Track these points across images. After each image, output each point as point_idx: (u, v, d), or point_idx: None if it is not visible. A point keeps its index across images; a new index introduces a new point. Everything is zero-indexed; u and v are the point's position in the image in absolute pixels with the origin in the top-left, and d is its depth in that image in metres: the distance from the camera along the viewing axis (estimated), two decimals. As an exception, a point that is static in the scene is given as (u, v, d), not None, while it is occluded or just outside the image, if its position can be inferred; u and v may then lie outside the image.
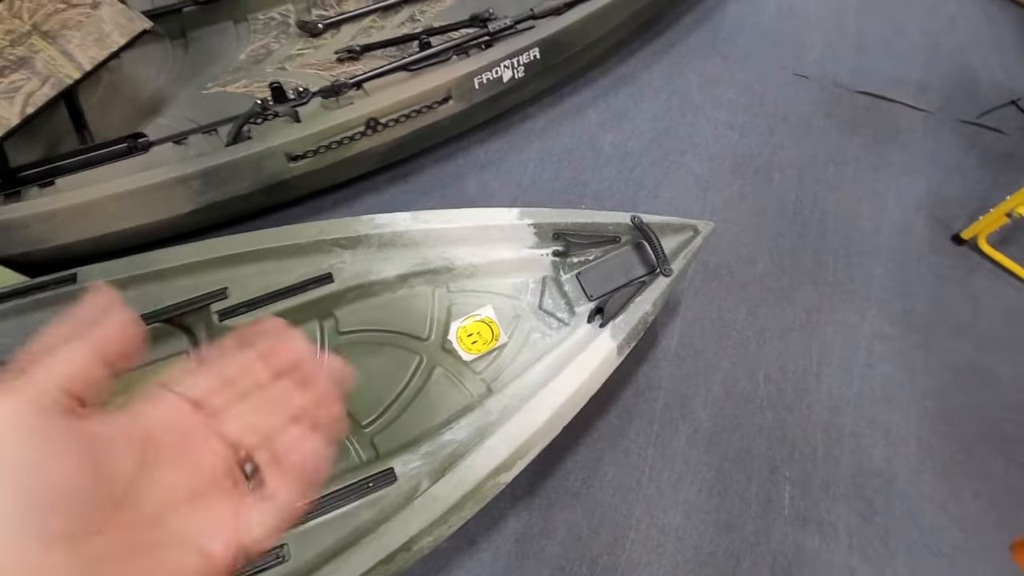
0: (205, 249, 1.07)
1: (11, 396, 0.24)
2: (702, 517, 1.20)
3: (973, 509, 1.24)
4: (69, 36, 1.19)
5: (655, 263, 1.11)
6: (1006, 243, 1.58)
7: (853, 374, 1.38)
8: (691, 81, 1.84)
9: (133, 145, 1.28)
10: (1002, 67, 1.93)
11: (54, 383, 0.25)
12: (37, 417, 0.24)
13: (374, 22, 1.70)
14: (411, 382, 1.07)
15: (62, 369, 0.25)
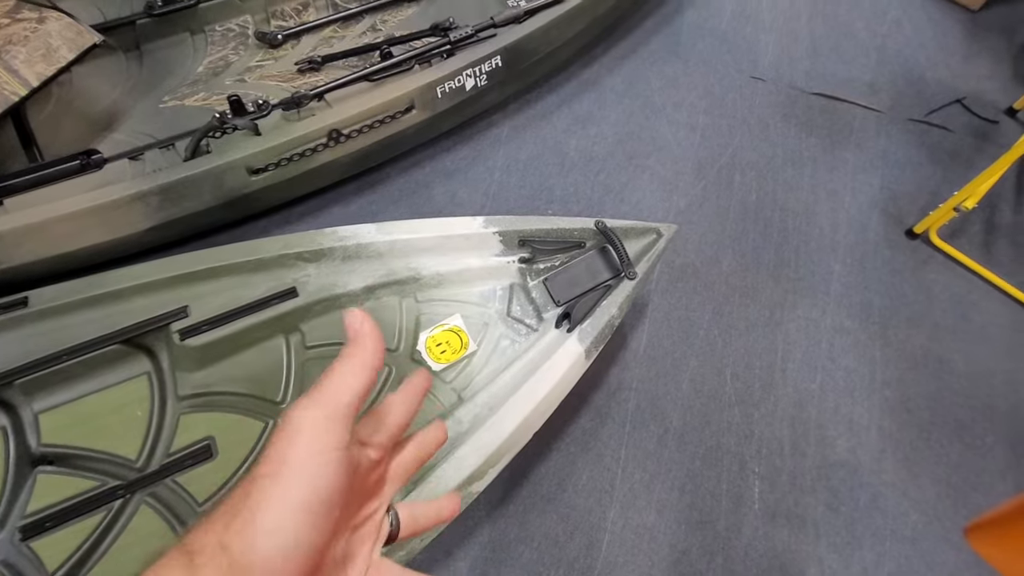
0: (163, 267, 1.05)
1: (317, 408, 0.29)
2: (675, 515, 1.22)
3: (932, 493, 1.29)
4: (14, 52, 1.16)
5: (620, 267, 1.13)
6: (955, 236, 1.65)
7: (816, 367, 1.42)
8: (653, 85, 1.87)
9: (86, 162, 1.25)
10: (947, 67, 2.02)
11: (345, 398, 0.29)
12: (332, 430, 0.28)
13: (335, 32, 1.69)
14: (380, 394, 1.06)
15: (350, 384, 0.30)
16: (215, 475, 0.97)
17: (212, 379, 1.04)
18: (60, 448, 0.95)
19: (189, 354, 1.02)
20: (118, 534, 0.91)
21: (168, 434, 1.00)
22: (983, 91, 1.96)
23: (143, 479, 0.95)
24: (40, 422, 0.97)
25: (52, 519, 0.90)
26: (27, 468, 0.94)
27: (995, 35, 2.13)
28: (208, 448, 0.98)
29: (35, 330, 0.99)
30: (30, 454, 0.95)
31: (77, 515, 0.91)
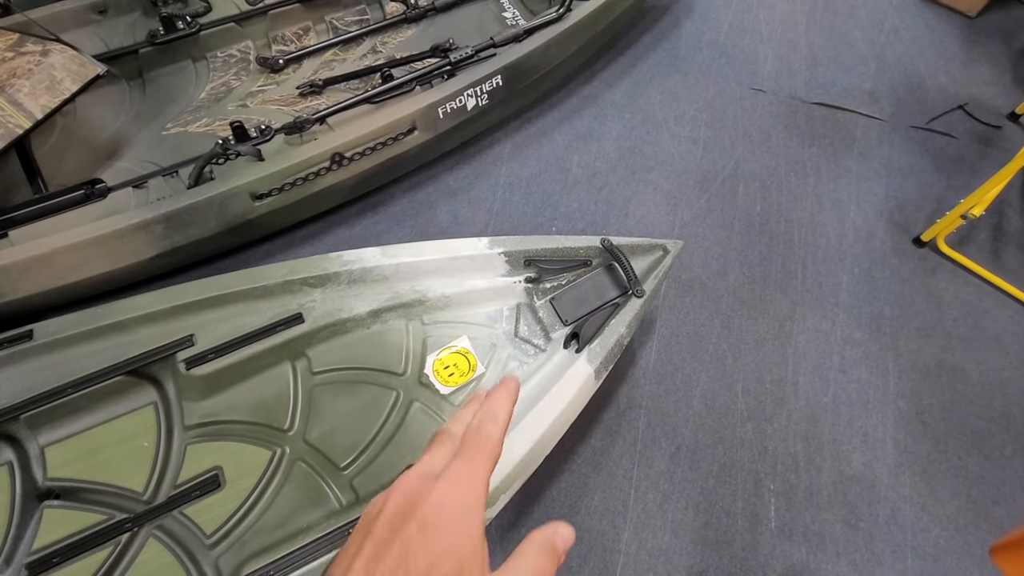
0: (168, 296, 1.04)
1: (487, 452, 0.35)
2: (690, 536, 1.19)
3: (952, 507, 1.26)
4: (18, 85, 1.16)
5: (627, 285, 1.12)
6: (964, 243, 1.63)
7: (828, 380, 1.40)
8: (653, 99, 1.88)
9: (91, 192, 1.25)
10: (946, 73, 2.02)
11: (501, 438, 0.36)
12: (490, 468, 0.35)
13: (335, 55, 1.70)
14: (389, 419, 1.05)
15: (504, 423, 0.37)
16: (223, 506, 0.95)
17: (219, 408, 1.03)
18: (67, 482, 0.94)
19: (195, 383, 1.01)
20: (126, 568, 0.90)
21: (175, 465, 0.99)
22: (984, 97, 1.96)
23: (150, 512, 0.94)
24: (46, 456, 0.96)
25: (59, 555, 0.88)
26: (34, 503, 0.93)
27: (994, 40, 2.13)
28: (216, 478, 0.97)
29: (40, 363, 0.99)
30: (36, 489, 0.94)
31: (84, 550, 0.89)
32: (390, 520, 0.31)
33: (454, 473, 0.33)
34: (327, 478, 0.99)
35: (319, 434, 1.02)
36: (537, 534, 0.35)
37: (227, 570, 0.90)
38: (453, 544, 0.30)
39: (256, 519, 0.95)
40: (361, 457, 1.01)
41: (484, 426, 0.36)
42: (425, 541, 0.30)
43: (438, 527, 0.31)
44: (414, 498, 0.32)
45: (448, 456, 0.35)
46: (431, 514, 0.31)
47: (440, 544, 0.30)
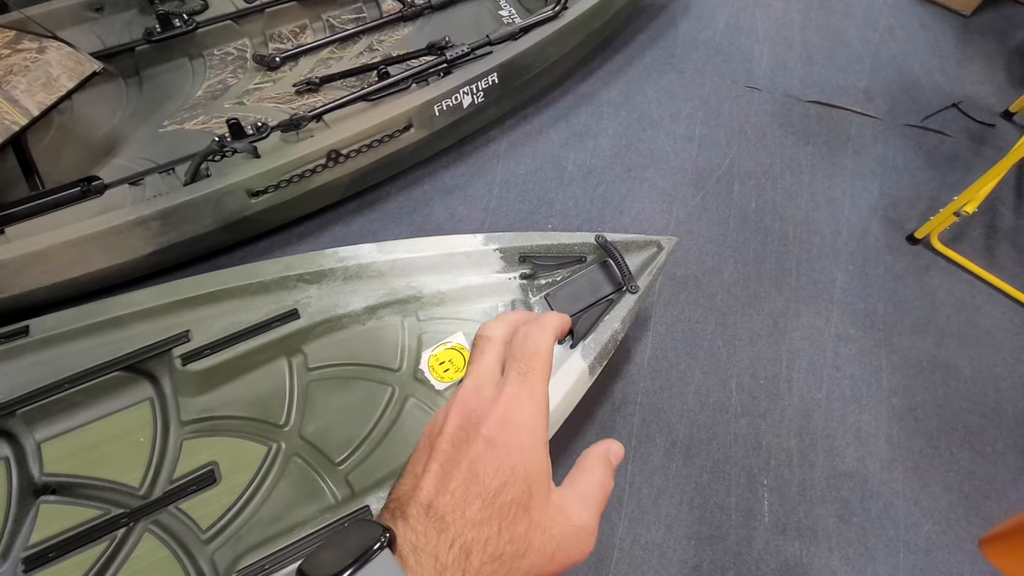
0: (164, 292, 1.05)
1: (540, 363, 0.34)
2: (684, 530, 1.20)
3: (944, 502, 1.27)
4: (15, 82, 1.17)
5: (622, 281, 1.13)
6: (957, 240, 1.64)
7: (822, 376, 1.41)
8: (649, 97, 1.88)
9: (87, 188, 1.26)
10: (941, 71, 2.03)
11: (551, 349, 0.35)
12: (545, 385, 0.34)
13: (332, 53, 1.71)
14: (384, 415, 1.05)
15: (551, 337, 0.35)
16: (219, 500, 0.96)
17: (215, 403, 1.03)
18: (63, 477, 0.95)
19: (191, 379, 1.01)
20: (122, 563, 0.90)
21: (171, 460, 0.99)
22: (978, 95, 1.97)
23: (146, 507, 0.94)
24: (42, 451, 0.96)
25: (55, 549, 0.89)
26: (30, 498, 0.93)
27: (988, 39, 2.14)
28: (211, 473, 0.98)
29: (36, 359, 0.99)
30: (32, 484, 0.94)
31: (80, 545, 0.90)
32: (453, 438, 0.31)
33: (513, 387, 0.32)
34: (323, 473, 1.00)
35: (315, 430, 1.03)
36: (595, 450, 0.35)
37: (223, 564, 0.91)
38: (520, 462, 0.30)
39: (252, 514, 0.96)
40: (356, 452, 1.02)
41: (532, 337, 0.34)
42: (493, 460, 0.29)
43: (504, 446, 0.30)
44: (475, 415, 0.31)
45: (495, 363, 0.34)
46: (496, 432, 0.30)
47: (508, 462, 0.29)
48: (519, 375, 0.33)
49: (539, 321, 0.36)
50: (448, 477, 0.29)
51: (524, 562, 0.28)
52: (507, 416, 0.31)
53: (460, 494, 0.28)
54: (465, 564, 0.27)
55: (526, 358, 0.33)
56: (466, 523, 0.28)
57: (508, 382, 0.32)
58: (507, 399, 0.31)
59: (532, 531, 0.29)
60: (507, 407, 0.31)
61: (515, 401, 0.31)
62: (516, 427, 0.31)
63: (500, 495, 0.29)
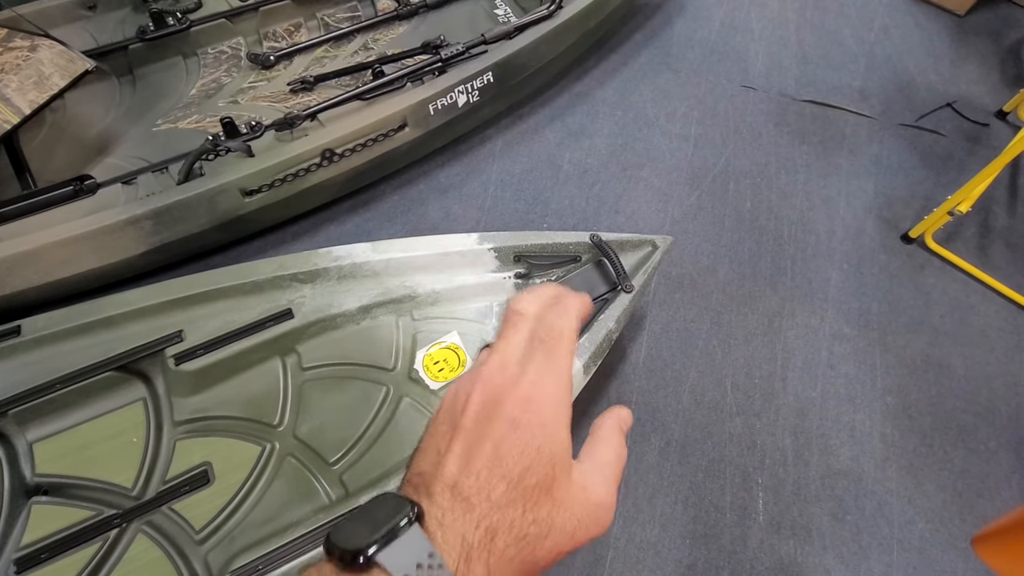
0: (157, 292, 1.04)
1: (566, 344, 0.34)
2: (679, 529, 1.20)
3: (938, 500, 1.28)
4: (6, 80, 1.16)
5: (616, 280, 1.13)
6: (951, 240, 1.65)
7: (816, 376, 1.41)
8: (645, 96, 1.88)
9: (80, 188, 1.25)
10: (935, 71, 2.03)
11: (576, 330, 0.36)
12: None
13: (327, 52, 1.70)
14: (378, 415, 1.05)
15: (576, 320, 0.36)
16: (213, 501, 0.96)
17: (208, 403, 1.03)
18: (55, 478, 0.94)
19: (184, 379, 1.01)
20: (114, 564, 0.90)
21: (164, 460, 0.99)
22: (972, 95, 1.98)
23: (139, 507, 0.94)
24: (34, 452, 0.96)
25: (47, 550, 0.88)
26: (22, 499, 0.92)
27: (982, 39, 2.14)
28: (205, 474, 0.97)
29: (28, 359, 0.99)
30: (24, 485, 0.94)
31: (72, 546, 0.89)
32: (476, 415, 0.31)
33: (537, 365, 0.32)
34: (317, 473, 1.00)
35: (309, 430, 1.03)
36: (608, 420, 0.35)
37: (216, 565, 0.90)
38: (544, 442, 0.30)
39: (245, 514, 0.95)
40: (351, 452, 1.02)
41: (558, 320, 0.35)
42: (517, 442, 0.29)
43: (528, 426, 0.30)
44: (500, 392, 0.31)
45: (524, 340, 0.34)
46: (519, 412, 0.30)
47: (532, 444, 0.29)
48: (544, 354, 0.33)
49: (565, 302, 0.36)
50: (472, 458, 0.29)
51: (547, 542, 0.29)
52: (531, 394, 0.31)
53: (485, 476, 0.28)
54: (491, 545, 0.27)
55: (552, 338, 0.33)
56: (491, 505, 0.28)
57: (533, 361, 0.32)
58: (531, 377, 0.32)
59: (555, 512, 0.29)
60: (531, 385, 0.31)
61: (539, 379, 0.32)
62: (540, 406, 0.31)
63: (524, 478, 0.29)
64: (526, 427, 0.30)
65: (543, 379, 0.32)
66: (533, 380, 0.31)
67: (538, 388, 0.31)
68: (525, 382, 0.31)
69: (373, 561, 0.25)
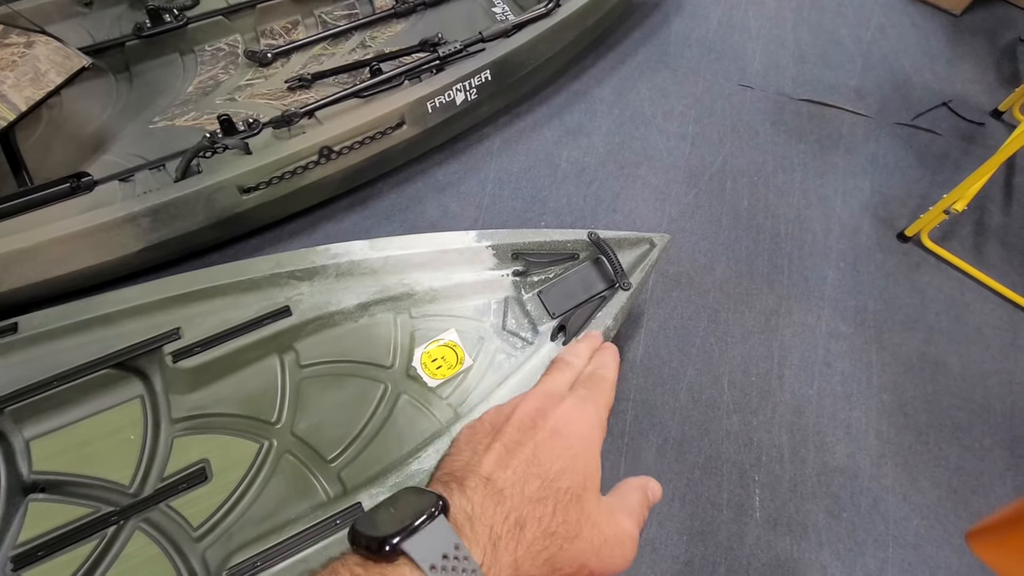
0: (155, 289, 1.04)
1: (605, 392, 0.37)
2: (676, 526, 1.21)
3: (933, 497, 1.29)
4: (2, 77, 1.16)
5: (614, 278, 1.13)
6: (947, 238, 1.66)
7: (813, 373, 1.42)
8: (642, 95, 1.88)
9: (76, 185, 1.24)
10: (931, 71, 2.04)
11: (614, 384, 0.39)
12: None
13: (324, 50, 1.70)
14: (376, 412, 1.05)
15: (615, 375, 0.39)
16: (210, 498, 0.96)
17: (206, 401, 1.03)
18: (52, 475, 0.94)
19: (182, 376, 1.01)
20: (112, 561, 0.90)
21: (162, 458, 0.99)
22: (968, 94, 1.99)
23: (137, 504, 0.94)
24: (31, 449, 0.95)
25: (44, 548, 0.88)
26: (18, 496, 0.92)
27: (978, 38, 2.15)
28: (202, 471, 0.97)
29: (25, 356, 0.98)
30: (21, 482, 0.94)
31: (70, 543, 0.89)
32: (520, 424, 0.32)
33: (581, 396, 0.35)
34: (314, 470, 1.00)
35: (307, 427, 1.03)
36: (636, 480, 0.36)
37: (214, 562, 0.90)
38: (580, 455, 0.31)
39: (243, 511, 0.95)
40: (349, 449, 1.02)
41: (599, 370, 0.38)
42: (557, 445, 0.31)
43: (569, 436, 0.32)
44: (543, 409, 0.33)
45: (569, 383, 0.37)
46: (562, 424, 0.32)
47: (569, 451, 0.31)
48: (587, 392, 0.36)
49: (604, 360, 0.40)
50: (511, 456, 0.31)
51: (572, 546, 0.29)
52: (573, 414, 0.33)
53: (521, 472, 0.30)
54: (519, 536, 0.28)
55: (594, 384, 0.37)
56: (523, 499, 0.29)
57: (576, 394, 0.35)
58: (574, 402, 0.34)
59: (583, 520, 0.30)
60: (573, 408, 0.34)
61: (581, 406, 0.34)
62: (580, 425, 0.33)
63: (558, 480, 0.30)
64: (566, 436, 0.32)
65: (584, 407, 0.34)
66: (575, 404, 0.34)
67: (579, 411, 0.34)
68: (568, 404, 0.34)
69: (399, 550, 0.25)
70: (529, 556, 0.28)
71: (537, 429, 0.32)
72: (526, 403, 0.34)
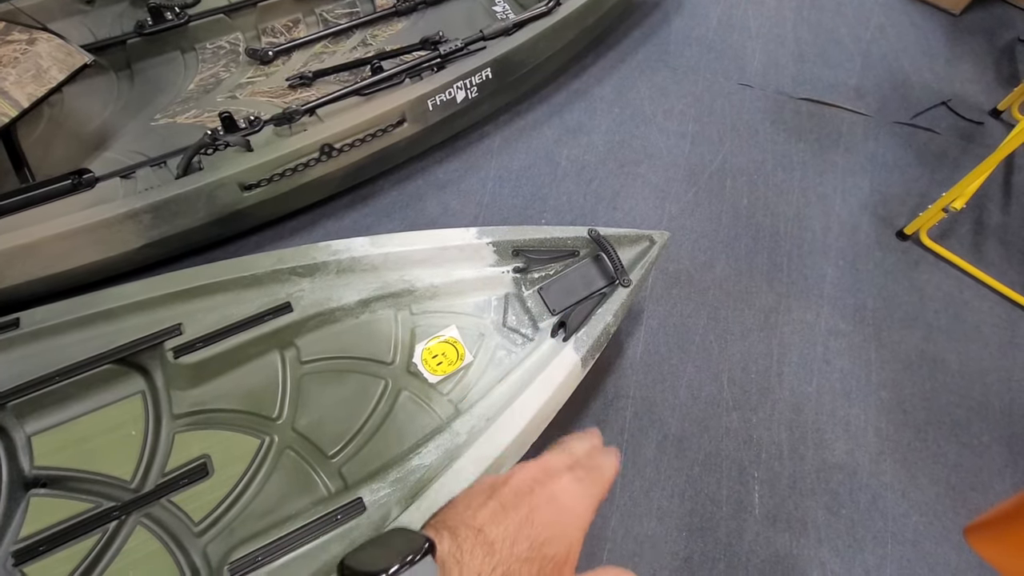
0: (156, 285, 1.04)
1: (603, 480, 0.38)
2: (675, 523, 1.21)
3: (931, 494, 1.29)
4: (4, 73, 1.16)
5: (614, 275, 1.13)
6: (945, 236, 1.66)
7: (812, 370, 1.42)
8: (642, 94, 1.89)
9: (78, 181, 1.25)
10: (930, 70, 2.05)
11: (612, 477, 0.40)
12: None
13: (325, 48, 1.70)
14: (377, 408, 1.06)
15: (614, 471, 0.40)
16: (211, 493, 0.96)
17: (207, 396, 1.03)
18: (53, 470, 0.94)
19: (183, 372, 1.01)
20: (113, 556, 0.90)
21: (163, 453, 0.99)
22: (967, 93, 1.99)
23: (138, 500, 0.94)
24: (33, 444, 0.96)
25: (46, 543, 0.88)
26: (20, 491, 0.93)
27: (977, 38, 2.16)
28: (204, 466, 0.98)
29: (27, 351, 0.99)
30: (23, 477, 0.94)
31: (71, 538, 0.89)
32: (518, 490, 0.34)
33: (579, 478, 0.36)
34: (315, 466, 1.00)
35: (307, 423, 1.03)
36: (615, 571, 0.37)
37: (215, 557, 0.91)
38: (569, 530, 0.33)
39: (244, 507, 0.96)
40: (349, 445, 1.02)
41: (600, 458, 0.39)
42: (550, 514, 0.32)
43: (562, 510, 0.33)
44: (542, 480, 0.35)
45: (567, 465, 0.38)
46: (559, 493, 0.34)
47: (560, 522, 0.33)
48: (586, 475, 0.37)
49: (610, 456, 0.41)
50: (505, 514, 0.32)
51: None
52: (569, 489, 0.35)
53: (512, 530, 0.31)
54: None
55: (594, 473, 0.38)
56: (512, 555, 0.30)
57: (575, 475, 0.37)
58: (571, 481, 0.36)
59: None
60: (570, 483, 0.35)
61: (577, 486, 0.36)
62: (575, 500, 0.35)
63: (546, 546, 0.31)
64: (560, 509, 0.33)
65: (580, 488, 0.36)
66: (572, 482, 0.35)
67: (576, 487, 0.35)
68: (565, 480, 0.35)
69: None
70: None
71: (534, 495, 0.33)
72: (525, 471, 0.35)
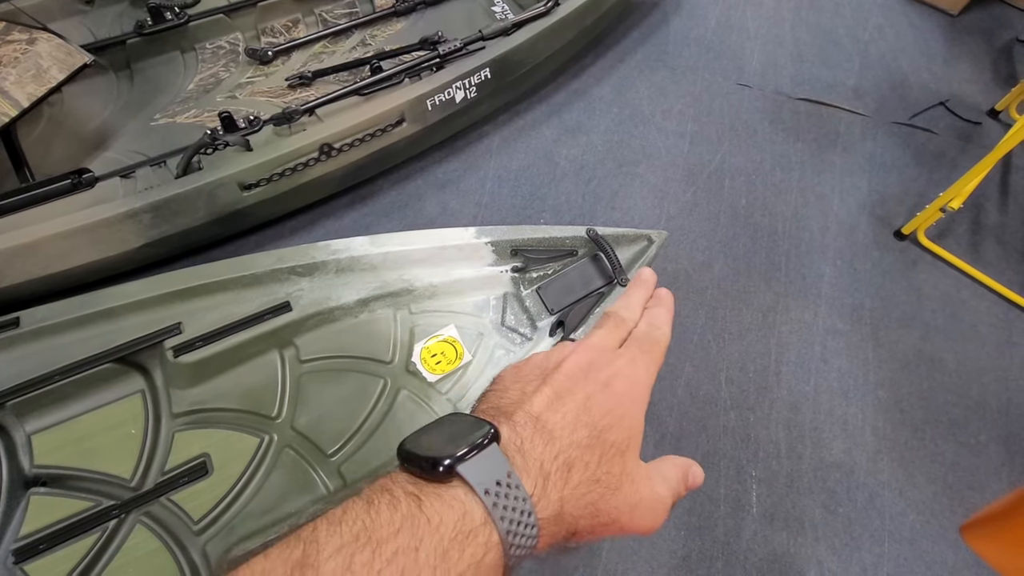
0: (156, 284, 1.04)
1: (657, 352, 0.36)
2: (673, 521, 1.22)
3: (929, 493, 1.29)
4: (4, 73, 1.16)
5: (612, 274, 1.14)
6: (943, 236, 1.67)
7: (810, 370, 1.43)
8: (641, 94, 1.89)
9: (77, 181, 1.25)
10: (928, 71, 2.05)
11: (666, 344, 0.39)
12: None
13: (325, 48, 1.71)
14: (376, 407, 1.06)
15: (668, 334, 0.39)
16: (211, 492, 0.96)
17: (206, 396, 1.03)
18: (53, 469, 0.95)
19: (183, 371, 1.01)
20: (113, 555, 0.91)
21: (163, 452, 0.99)
22: (965, 93, 2.00)
23: (138, 498, 0.94)
24: (33, 443, 0.96)
25: (46, 541, 0.89)
26: (20, 490, 0.93)
27: (975, 38, 2.17)
28: (203, 465, 0.98)
29: (27, 350, 0.99)
30: (23, 476, 0.94)
31: (71, 536, 0.90)
32: (571, 374, 0.32)
33: (633, 356, 0.34)
34: (315, 465, 1.00)
35: (307, 421, 1.03)
36: (679, 459, 0.36)
37: (214, 555, 0.91)
38: (628, 414, 0.32)
39: (244, 505, 0.96)
40: (349, 444, 1.03)
41: (652, 331, 0.37)
42: (607, 400, 0.31)
43: (619, 393, 0.32)
44: (596, 362, 0.33)
45: (620, 340, 0.36)
46: (614, 379, 0.32)
47: (619, 408, 0.31)
48: (640, 351, 0.35)
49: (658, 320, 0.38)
50: (561, 401, 0.31)
51: (613, 497, 0.30)
52: (624, 372, 0.33)
53: (571, 418, 0.30)
54: (567, 476, 0.28)
55: (649, 341, 0.36)
56: (572, 443, 0.29)
57: (629, 351, 0.35)
58: (626, 360, 0.34)
59: (624, 476, 0.30)
60: (626, 365, 0.33)
61: (632, 364, 0.34)
62: (630, 384, 0.33)
63: (606, 433, 0.30)
64: (616, 393, 0.32)
65: (636, 368, 0.34)
66: (628, 363, 0.34)
67: (631, 369, 0.33)
68: (621, 362, 0.34)
69: (454, 472, 0.25)
70: (574, 497, 0.28)
71: (589, 381, 0.32)
72: (577, 354, 0.33)
